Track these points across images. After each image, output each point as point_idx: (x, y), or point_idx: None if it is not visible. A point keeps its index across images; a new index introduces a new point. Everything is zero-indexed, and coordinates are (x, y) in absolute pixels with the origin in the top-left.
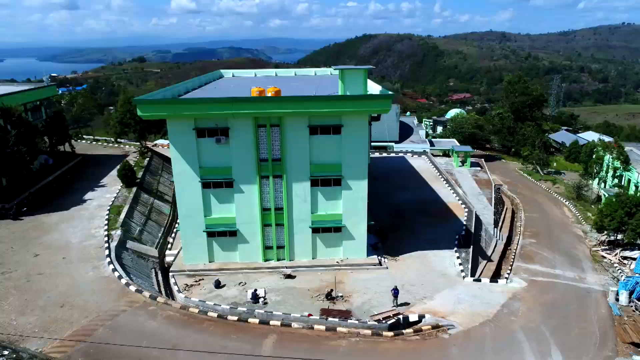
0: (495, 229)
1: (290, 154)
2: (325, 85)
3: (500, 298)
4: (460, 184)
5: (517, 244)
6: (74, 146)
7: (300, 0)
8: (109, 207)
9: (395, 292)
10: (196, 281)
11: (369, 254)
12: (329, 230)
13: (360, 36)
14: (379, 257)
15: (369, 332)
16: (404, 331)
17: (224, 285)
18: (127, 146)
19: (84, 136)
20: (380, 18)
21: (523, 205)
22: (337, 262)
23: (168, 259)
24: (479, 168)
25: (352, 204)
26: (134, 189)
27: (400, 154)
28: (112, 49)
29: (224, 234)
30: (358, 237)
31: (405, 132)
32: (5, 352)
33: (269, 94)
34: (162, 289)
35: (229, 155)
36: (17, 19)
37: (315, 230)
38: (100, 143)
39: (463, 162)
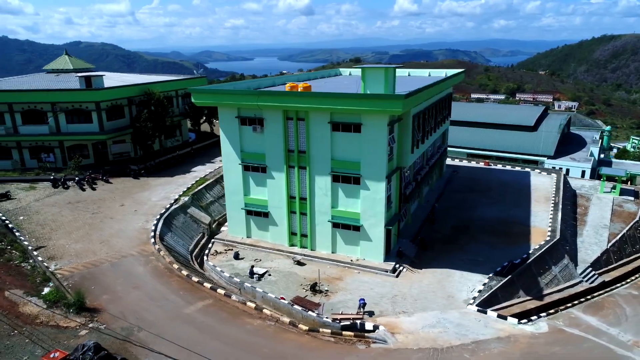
0: (592, 269)
1: (314, 147)
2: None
3: (486, 334)
4: (588, 212)
5: (606, 292)
6: (213, 127)
7: None
8: (197, 179)
9: (362, 301)
10: (225, 250)
11: (387, 259)
12: (347, 227)
13: (597, 37)
14: (396, 265)
15: (287, 320)
16: (320, 329)
17: (242, 258)
18: None
19: None
20: (633, 16)
21: None
22: (352, 260)
23: (224, 228)
24: (632, 198)
25: (369, 205)
26: None
27: (527, 169)
28: (337, 50)
29: (258, 214)
30: (375, 240)
31: (571, 147)
32: (31, 261)
33: (299, 90)
34: (197, 250)
35: (263, 143)
36: (267, 25)
37: (335, 225)
38: None
39: (613, 188)
